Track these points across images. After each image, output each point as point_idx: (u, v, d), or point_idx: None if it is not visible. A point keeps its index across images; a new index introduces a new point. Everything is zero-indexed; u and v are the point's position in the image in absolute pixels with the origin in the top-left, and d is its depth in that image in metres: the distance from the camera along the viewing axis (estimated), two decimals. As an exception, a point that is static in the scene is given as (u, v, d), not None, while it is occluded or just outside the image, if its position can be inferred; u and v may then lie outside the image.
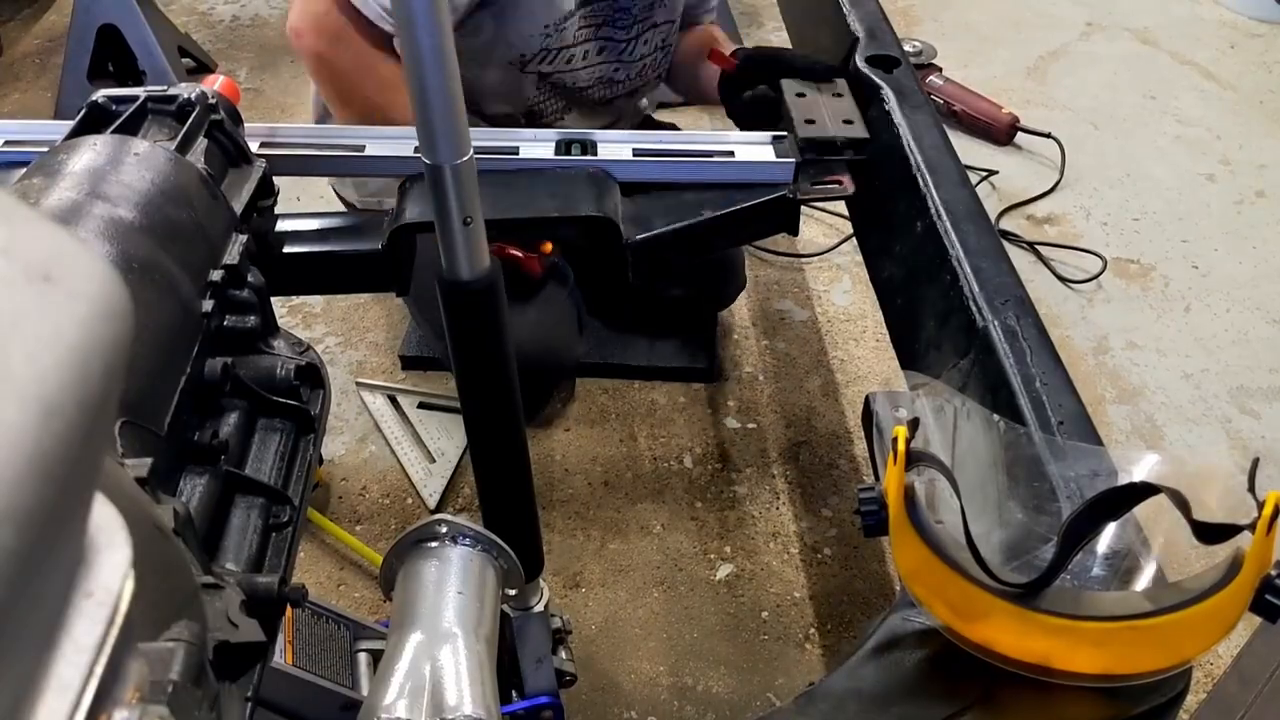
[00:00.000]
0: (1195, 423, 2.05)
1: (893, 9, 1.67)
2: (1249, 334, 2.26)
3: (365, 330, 2.28)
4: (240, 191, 1.00)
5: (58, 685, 0.30)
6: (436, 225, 0.85)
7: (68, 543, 0.31)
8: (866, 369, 2.19)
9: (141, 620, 0.36)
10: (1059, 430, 0.88)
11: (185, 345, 0.79)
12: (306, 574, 1.77)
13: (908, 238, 1.20)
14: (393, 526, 1.86)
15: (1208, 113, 3.01)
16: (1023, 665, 0.71)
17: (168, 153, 0.89)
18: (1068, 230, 2.58)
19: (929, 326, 1.11)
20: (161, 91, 1.00)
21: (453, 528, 0.92)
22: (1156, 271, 2.45)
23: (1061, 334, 2.24)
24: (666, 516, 1.87)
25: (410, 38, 0.75)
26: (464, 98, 0.80)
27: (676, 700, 1.60)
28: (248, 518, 0.79)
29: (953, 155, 1.24)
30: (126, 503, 0.38)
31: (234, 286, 0.88)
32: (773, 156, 1.28)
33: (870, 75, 1.38)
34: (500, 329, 0.93)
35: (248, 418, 0.85)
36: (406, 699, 0.77)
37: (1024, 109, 2.91)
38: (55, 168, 0.83)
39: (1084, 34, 3.43)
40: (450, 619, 0.85)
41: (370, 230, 1.20)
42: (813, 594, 1.75)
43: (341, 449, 2.01)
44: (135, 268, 0.76)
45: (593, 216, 1.19)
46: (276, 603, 0.69)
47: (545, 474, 1.94)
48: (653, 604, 1.73)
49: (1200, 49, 3.32)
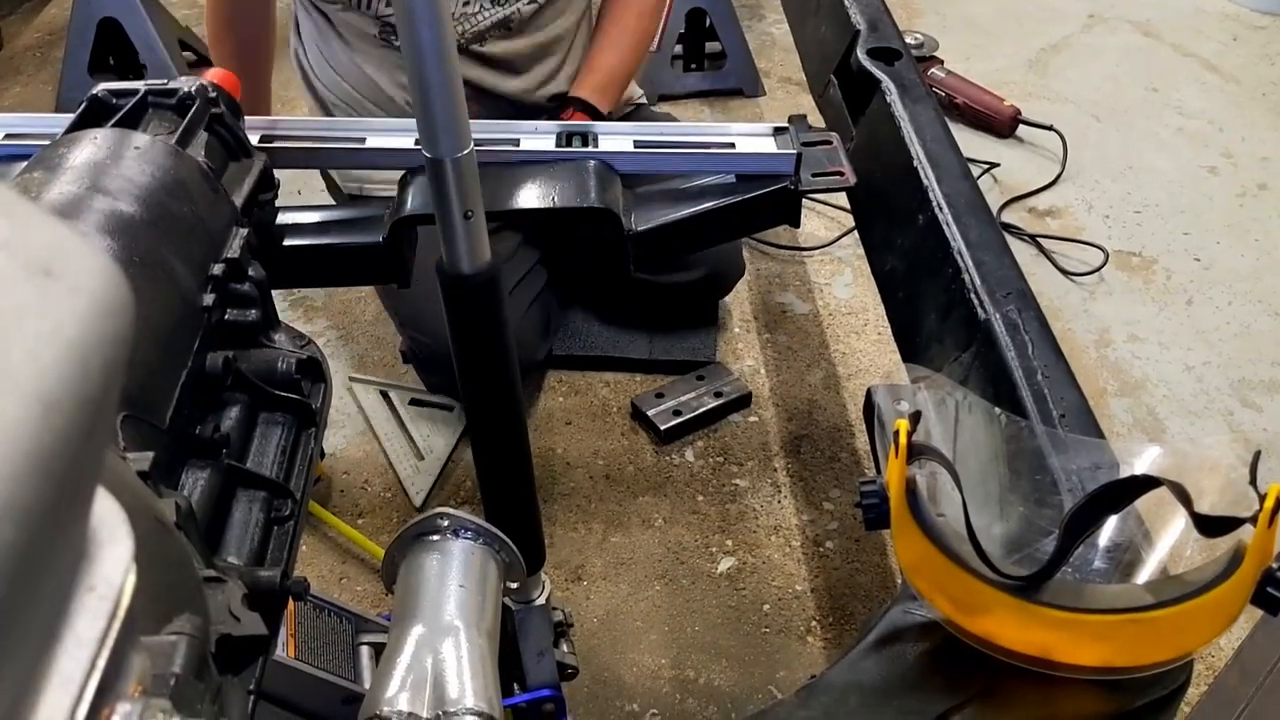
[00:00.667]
0: (1197, 415, 2.05)
1: (894, 1, 1.66)
2: (1251, 327, 2.26)
3: (366, 324, 2.28)
4: (241, 185, 1.00)
5: (60, 679, 0.30)
6: (437, 218, 0.85)
7: (69, 537, 0.31)
8: (868, 362, 2.18)
9: (143, 614, 0.36)
10: (1060, 423, 0.88)
11: (186, 339, 0.79)
12: (308, 567, 1.77)
13: (909, 231, 1.20)
14: (394, 520, 1.86)
15: (1210, 105, 3.00)
16: (1024, 658, 0.71)
17: (168, 146, 0.89)
18: (1069, 223, 2.58)
19: (931, 320, 1.11)
20: (162, 85, 1.00)
21: (454, 521, 0.92)
22: (1158, 264, 2.44)
23: (1063, 327, 2.24)
24: (668, 510, 1.87)
25: (411, 32, 0.75)
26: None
27: (678, 693, 1.60)
28: (249, 511, 0.79)
29: (954, 148, 1.24)
30: (128, 496, 0.38)
31: (235, 280, 0.88)
32: (774, 148, 1.28)
33: (871, 68, 1.38)
34: (501, 322, 0.93)
35: (249, 411, 0.84)
36: (408, 692, 0.77)
37: (1026, 101, 2.90)
38: (56, 162, 0.83)
39: (1086, 26, 3.42)
40: (452, 612, 0.85)
41: (371, 223, 1.20)
42: (814, 587, 1.75)
43: (343, 442, 2.01)
44: (136, 262, 0.76)
45: (594, 208, 1.19)
46: (278, 596, 0.70)
47: (547, 467, 1.94)
48: (654, 597, 1.74)
49: (1202, 41, 3.31)
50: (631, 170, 1.26)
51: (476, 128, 0.85)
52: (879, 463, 0.80)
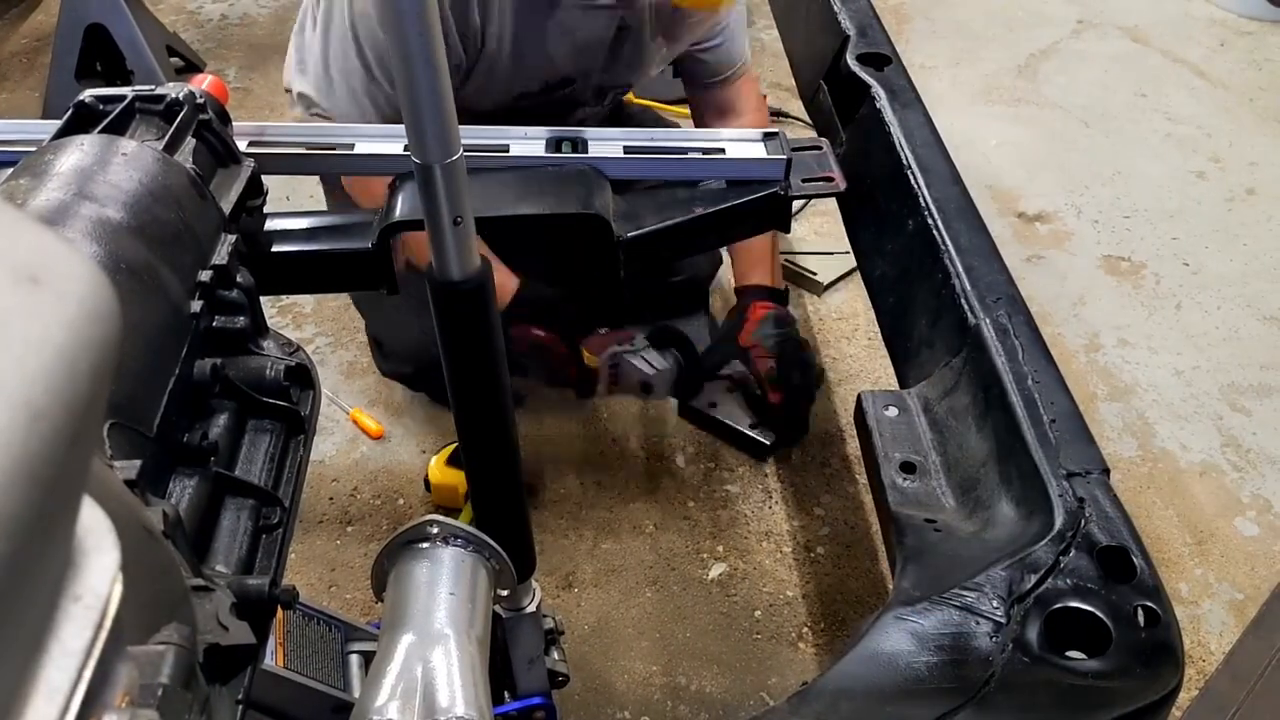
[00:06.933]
0: (1186, 420, 2.06)
1: (884, 7, 1.67)
2: (1240, 331, 2.27)
3: (355, 330, 2.28)
4: (229, 191, 1.00)
5: (46, 690, 0.29)
6: (426, 225, 0.85)
7: (55, 547, 0.31)
8: (858, 367, 2.19)
9: (131, 623, 0.35)
10: (1050, 428, 0.88)
11: (174, 346, 0.78)
12: (297, 575, 1.76)
13: (899, 236, 1.20)
14: (384, 527, 1.86)
15: (1198, 110, 3.02)
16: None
17: (155, 153, 0.89)
18: (1058, 228, 2.59)
19: (921, 325, 1.11)
20: (149, 91, 0.99)
21: (444, 528, 0.92)
22: (1148, 269, 2.45)
23: (1053, 331, 2.25)
24: (659, 516, 1.87)
25: (399, 38, 0.75)
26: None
27: (669, 700, 1.60)
28: (238, 519, 0.78)
29: (944, 153, 1.24)
30: (115, 505, 0.37)
31: (223, 287, 0.87)
32: (764, 154, 1.28)
33: (861, 73, 1.38)
34: (490, 329, 0.93)
35: (237, 419, 0.84)
36: (398, 700, 0.77)
37: (1015, 106, 2.92)
38: (42, 168, 0.83)
39: (1075, 32, 3.44)
40: (442, 620, 0.84)
41: (359, 229, 1.20)
42: (805, 593, 1.75)
43: (332, 450, 2.00)
44: (123, 269, 0.75)
45: (584, 214, 1.18)
46: (267, 605, 0.69)
47: (537, 474, 1.94)
48: (645, 604, 1.73)
49: (1191, 47, 3.33)
50: (622, 176, 1.26)
51: (466, 133, 0.84)
52: (870, 468, 0.80)
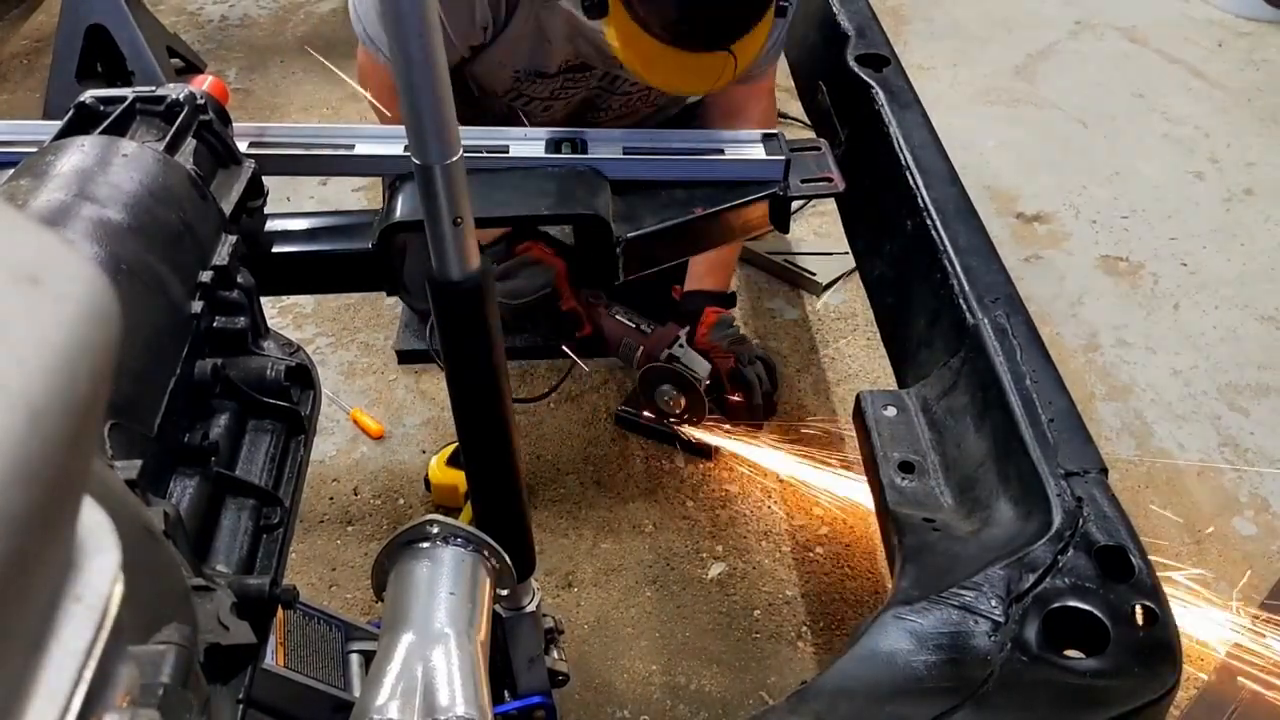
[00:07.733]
0: (1184, 419, 2.06)
1: (882, 8, 1.67)
2: (1238, 331, 2.27)
3: (356, 330, 2.28)
4: (229, 192, 1.00)
5: (47, 690, 0.29)
6: (426, 226, 0.85)
7: (56, 547, 0.31)
8: (857, 367, 2.19)
9: (131, 623, 0.35)
10: (1049, 427, 0.89)
11: (175, 347, 0.78)
12: (298, 575, 1.76)
13: (898, 236, 1.20)
14: (384, 527, 1.86)
15: (1196, 111, 3.02)
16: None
17: (156, 153, 0.89)
18: (1057, 228, 2.59)
19: (920, 324, 1.11)
20: (150, 92, 1.00)
21: (444, 528, 0.92)
22: (1146, 269, 2.45)
23: (1051, 331, 2.24)
24: (658, 515, 1.87)
25: (399, 39, 0.75)
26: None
27: (669, 699, 1.60)
28: (238, 519, 0.78)
29: (943, 154, 1.25)
30: (116, 505, 0.37)
31: (223, 287, 0.87)
32: (763, 155, 1.28)
33: (860, 74, 1.39)
34: (490, 328, 0.93)
35: (238, 419, 0.84)
36: (399, 700, 0.77)
37: (1013, 107, 2.92)
38: (43, 169, 0.83)
39: (1073, 33, 3.44)
40: (442, 619, 0.85)
41: (360, 230, 1.20)
42: (804, 592, 1.75)
43: (333, 450, 2.00)
44: (124, 269, 0.75)
45: (583, 214, 1.19)
46: (268, 604, 0.69)
47: (537, 473, 1.94)
48: (645, 603, 1.73)
49: (1188, 47, 3.33)
50: (621, 177, 1.26)
51: (466, 134, 0.85)
52: (869, 467, 0.80)
